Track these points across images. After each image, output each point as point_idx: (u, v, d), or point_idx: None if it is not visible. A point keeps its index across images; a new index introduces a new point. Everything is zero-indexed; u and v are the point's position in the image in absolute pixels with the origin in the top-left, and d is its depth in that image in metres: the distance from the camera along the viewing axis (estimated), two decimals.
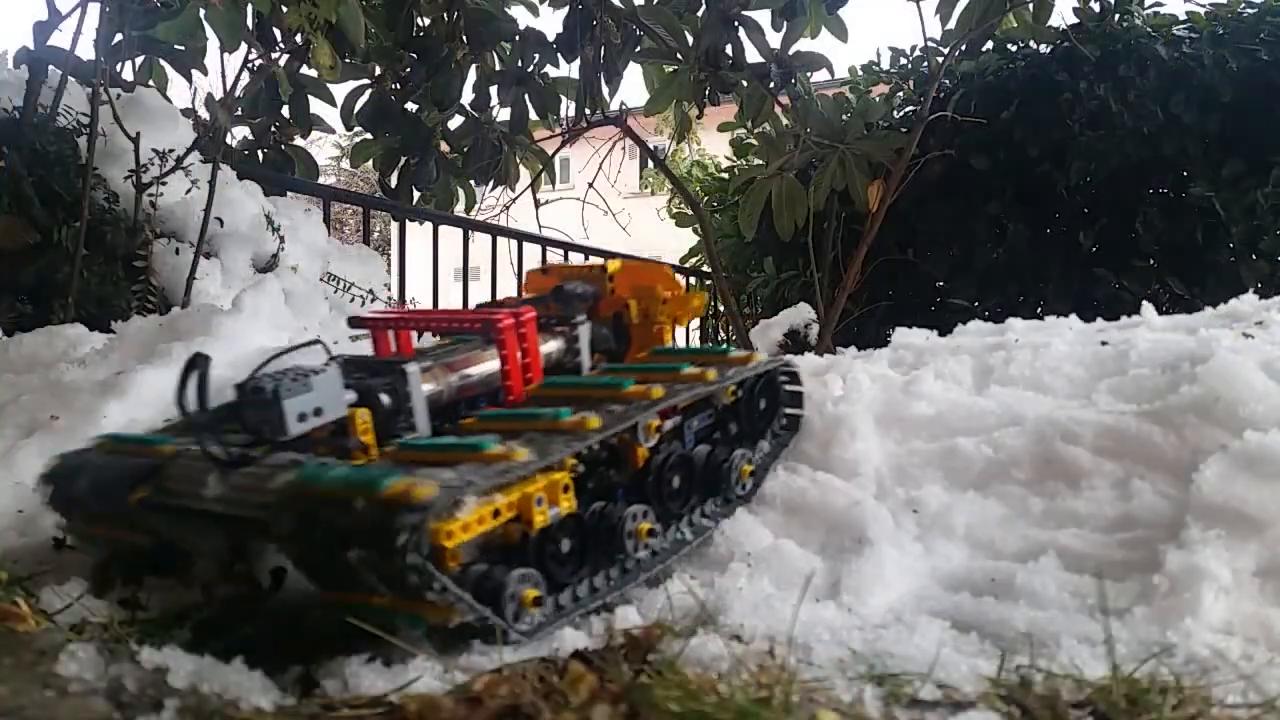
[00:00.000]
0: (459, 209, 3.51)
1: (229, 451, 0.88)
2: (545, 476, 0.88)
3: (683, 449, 1.11)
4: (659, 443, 1.06)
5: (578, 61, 3.17)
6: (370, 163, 3.36)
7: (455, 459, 0.86)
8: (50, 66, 2.15)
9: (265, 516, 0.83)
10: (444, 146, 3.34)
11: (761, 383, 1.23)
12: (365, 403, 0.95)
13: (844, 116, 3.23)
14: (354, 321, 1.22)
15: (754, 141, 3.59)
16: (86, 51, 2.16)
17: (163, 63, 2.52)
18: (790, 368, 1.29)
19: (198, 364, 0.87)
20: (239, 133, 2.86)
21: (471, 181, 3.47)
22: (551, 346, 1.19)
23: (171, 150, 2.16)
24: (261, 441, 0.90)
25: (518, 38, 3.21)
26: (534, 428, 0.95)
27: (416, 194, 3.35)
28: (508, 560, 0.87)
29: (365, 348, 1.60)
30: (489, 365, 1.11)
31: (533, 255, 3.73)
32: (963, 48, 3.31)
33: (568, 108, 3.35)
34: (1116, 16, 3.47)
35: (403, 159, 3.27)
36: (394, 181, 3.29)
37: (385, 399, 0.96)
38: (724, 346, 1.25)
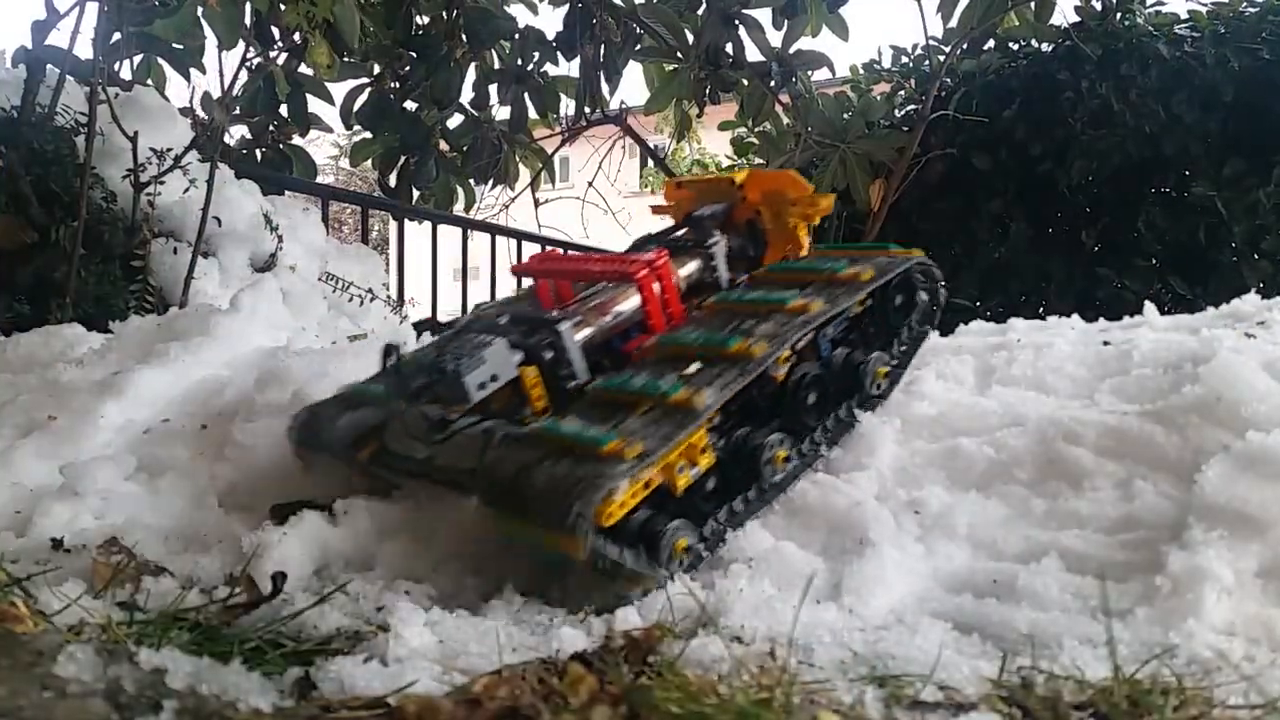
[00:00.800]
0: (458, 208, 3.51)
1: (432, 418, 1.09)
2: (685, 440, 0.98)
3: (819, 360, 1.19)
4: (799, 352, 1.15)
5: (577, 60, 3.16)
6: (369, 162, 3.35)
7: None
8: (48, 66, 2.15)
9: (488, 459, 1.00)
10: (443, 145, 3.33)
11: (896, 280, 1.27)
12: (531, 360, 1.10)
13: (845, 115, 3.23)
14: (517, 270, 1.45)
15: (755, 140, 3.58)
16: (85, 51, 2.16)
17: (161, 61, 2.52)
18: (925, 263, 1.32)
19: (390, 351, 1.10)
20: (237, 131, 2.86)
21: (471, 180, 3.47)
22: (691, 268, 1.30)
23: (169, 149, 2.16)
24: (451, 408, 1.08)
25: (517, 36, 3.20)
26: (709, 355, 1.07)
27: (416, 193, 3.35)
28: (663, 503, 1.00)
29: (367, 349, 1.60)
30: (631, 303, 1.23)
31: (532, 254, 3.72)
32: (964, 46, 3.31)
33: (567, 106, 3.35)
34: (1118, 15, 3.46)
35: (402, 158, 3.26)
36: (393, 181, 3.28)
37: (548, 355, 1.11)
38: (886, 243, 1.31)
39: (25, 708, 0.70)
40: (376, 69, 3.09)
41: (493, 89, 3.29)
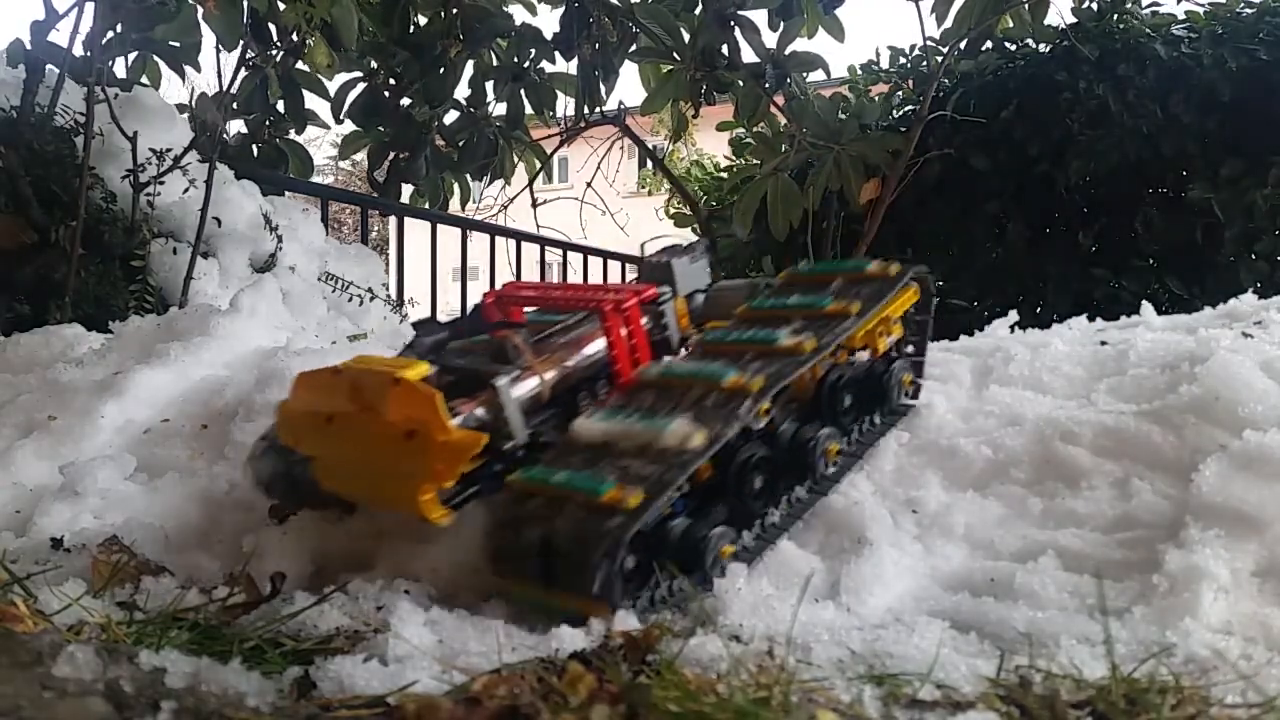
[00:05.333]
0: (455, 204, 3.51)
1: None
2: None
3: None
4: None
5: (574, 59, 3.17)
6: (363, 158, 3.35)
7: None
8: (48, 65, 2.14)
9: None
10: (439, 141, 3.33)
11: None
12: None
13: (840, 116, 3.23)
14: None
15: (753, 141, 3.58)
16: (84, 50, 2.15)
17: (157, 59, 2.51)
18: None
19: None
20: (233, 128, 2.85)
21: (468, 177, 3.47)
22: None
23: (169, 149, 2.15)
24: None
25: (514, 34, 3.20)
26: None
27: (406, 189, 3.35)
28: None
29: (369, 347, 1.60)
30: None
31: (531, 254, 3.72)
32: (961, 47, 3.31)
33: (565, 106, 3.35)
34: (1115, 16, 3.47)
35: (392, 154, 3.26)
36: (383, 176, 3.28)
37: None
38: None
39: (25, 707, 0.70)
40: (372, 65, 3.08)
41: (489, 86, 3.29)
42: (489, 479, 1.00)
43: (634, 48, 3.10)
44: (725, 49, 2.96)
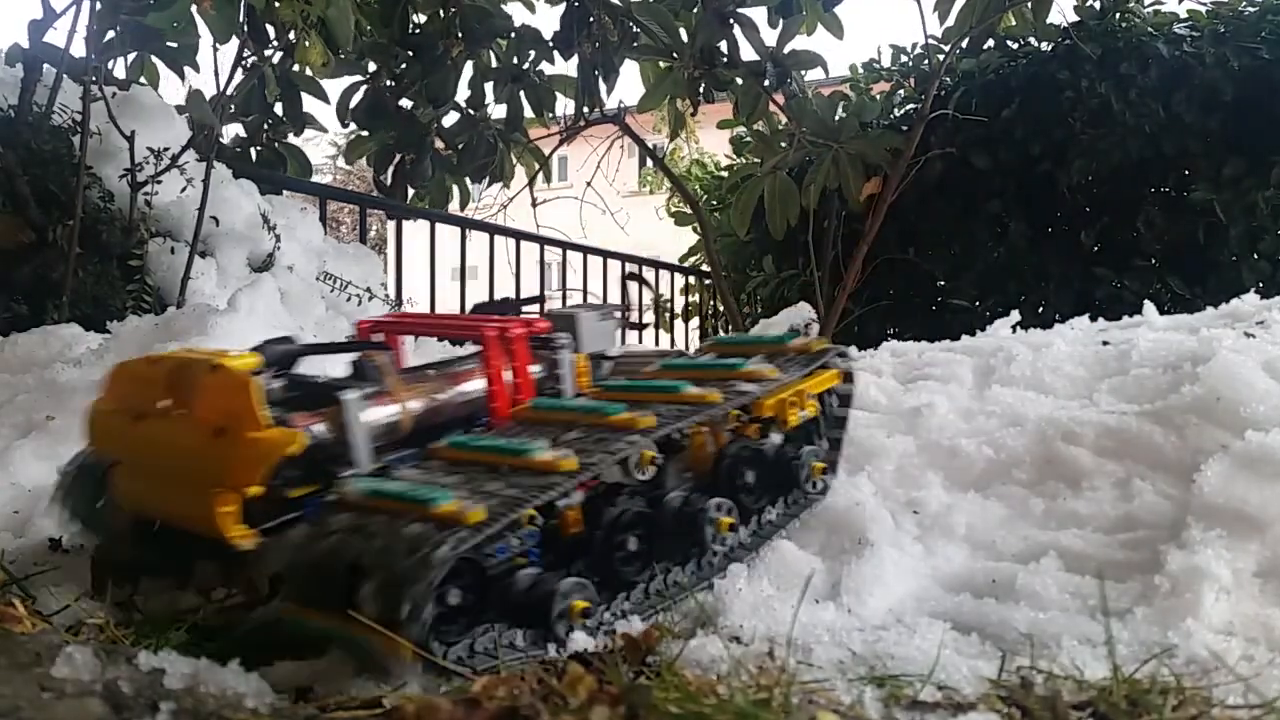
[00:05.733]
0: (454, 206, 3.51)
1: None
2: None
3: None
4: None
5: (574, 59, 3.16)
6: (365, 160, 3.35)
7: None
8: (45, 65, 2.14)
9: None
10: (439, 144, 3.33)
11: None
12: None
13: (840, 115, 3.22)
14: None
15: (752, 139, 3.58)
16: (82, 49, 2.15)
17: (154, 59, 2.51)
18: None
19: None
20: (231, 130, 2.85)
21: (467, 179, 3.46)
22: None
23: (166, 149, 2.15)
24: None
25: (513, 34, 3.20)
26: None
27: (411, 191, 3.34)
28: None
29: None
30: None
31: (530, 254, 3.72)
32: (963, 45, 3.30)
33: (565, 105, 3.35)
34: (1117, 14, 3.46)
35: (398, 156, 3.25)
36: (389, 179, 3.28)
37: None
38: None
39: (23, 708, 0.70)
40: (372, 67, 3.08)
41: (489, 87, 3.29)
42: (316, 508, 0.83)
43: (635, 45, 3.10)
44: (724, 47, 2.95)
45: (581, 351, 1.13)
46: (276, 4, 2.06)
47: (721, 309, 4.37)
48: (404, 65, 3.08)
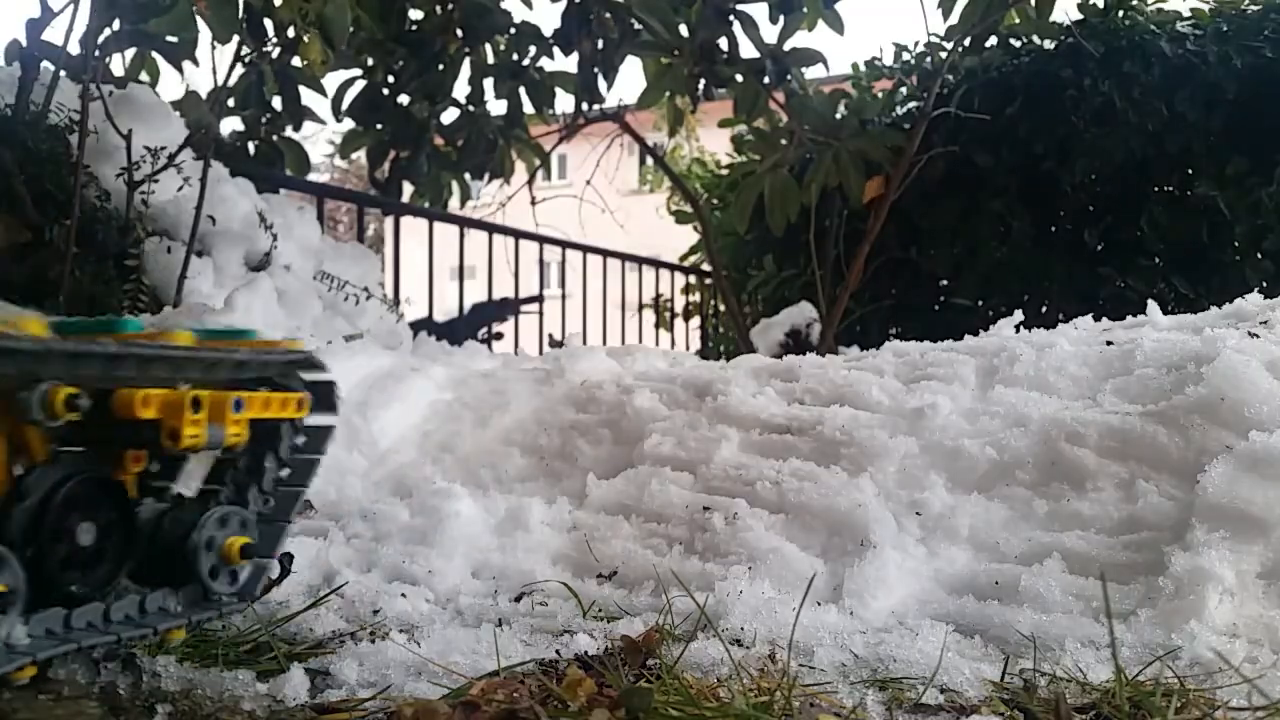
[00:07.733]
0: (454, 204, 3.50)
1: None
2: None
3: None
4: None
5: (574, 56, 3.15)
6: (361, 155, 3.34)
7: None
8: (43, 63, 2.13)
9: None
10: (438, 140, 3.32)
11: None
12: None
13: (840, 113, 3.21)
14: None
15: (753, 137, 3.57)
16: (79, 48, 2.14)
17: (154, 55, 2.50)
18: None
19: None
20: (228, 125, 2.84)
21: (467, 176, 3.45)
22: None
23: (163, 147, 2.14)
24: None
25: (513, 31, 3.19)
26: None
27: (407, 188, 3.33)
28: None
29: (363, 348, 1.58)
30: None
31: (529, 253, 3.71)
32: (966, 43, 3.29)
33: (565, 103, 3.34)
34: (1120, 12, 3.45)
35: (393, 152, 3.25)
36: (384, 175, 3.27)
37: None
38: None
39: (22, 710, 0.70)
40: (370, 62, 3.07)
41: (488, 83, 3.28)
42: None
43: (635, 41, 3.08)
44: (724, 43, 2.94)
45: None
46: (275, 3, 2.06)
47: (722, 308, 4.36)
48: (401, 62, 3.07)
